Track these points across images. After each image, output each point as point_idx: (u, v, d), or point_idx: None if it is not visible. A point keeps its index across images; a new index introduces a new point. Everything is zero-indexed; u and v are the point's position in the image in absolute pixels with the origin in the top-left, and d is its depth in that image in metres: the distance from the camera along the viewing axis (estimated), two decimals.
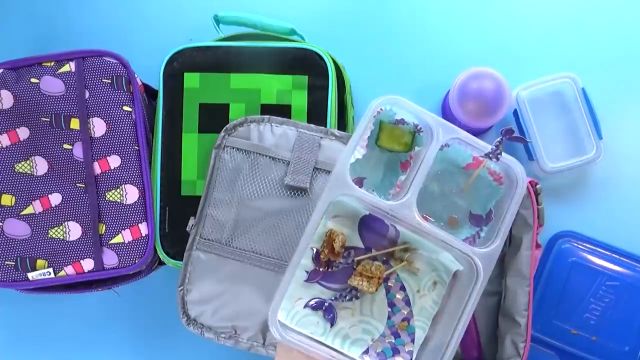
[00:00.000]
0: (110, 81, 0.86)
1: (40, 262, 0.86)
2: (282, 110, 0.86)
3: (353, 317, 0.75)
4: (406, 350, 0.75)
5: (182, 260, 0.85)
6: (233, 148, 0.84)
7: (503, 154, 0.73)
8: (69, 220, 0.86)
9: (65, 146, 0.86)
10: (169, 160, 0.87)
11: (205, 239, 0.83)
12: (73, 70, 0.86)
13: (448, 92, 0.94)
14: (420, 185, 0.72)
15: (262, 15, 0.91)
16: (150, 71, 0.90)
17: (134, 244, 0.86)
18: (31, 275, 0.85)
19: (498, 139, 0.73)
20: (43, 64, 0.86)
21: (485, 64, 0.91)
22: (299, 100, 0.86)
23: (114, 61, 0.87)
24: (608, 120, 0.95)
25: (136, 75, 0.88)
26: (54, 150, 0.86)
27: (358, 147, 0.74)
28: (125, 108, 0.86)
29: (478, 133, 0.98)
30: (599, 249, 0.93)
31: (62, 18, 1.03)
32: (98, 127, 0.86)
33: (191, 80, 0.87)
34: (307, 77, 0.86)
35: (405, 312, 0.75)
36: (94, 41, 1.01)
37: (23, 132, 0.86)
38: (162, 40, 0.98)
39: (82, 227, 0.86)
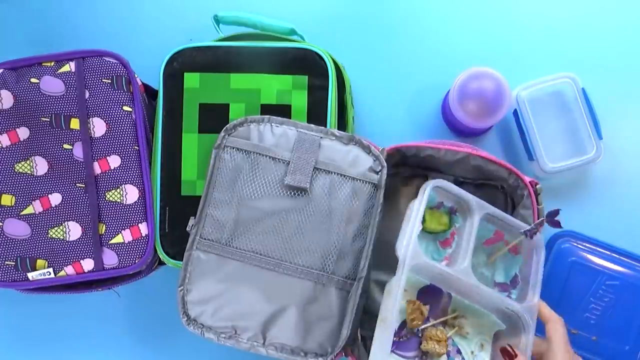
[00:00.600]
0: (110, 81, 0.86)
1: (40, 262, 0.86)
2: (282, 110, 0.86)
3: None
4: None
5: (182, 260, 0.85)
6: (233, 148, 0.84)
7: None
8: (69, 220, 0.86)
9: (65, 146, 0.86)
10: (169, 160, 0.87)
11: (205, 239, 0.83)
12: (73, 70, 0.86)
13: (448, 92, 0.94)
14: (469, 253, 0.79)
15: (262, 15, 0.91)
16: (150, 71, 0.90)
17: (134, 244, 0.86)
18: (31, 275, 0.85)
19: (539, 220, 0.80)
20: (43, 64, 0.86)
21: (485, 64, 0.91)
22: (299, 100, 0.86)
23: (114, 61, 0.87)
24: (608, 120, 0.95)
25: (136, 75, 0.88)
26: (54, 150, 0.86)
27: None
28: (125, 108, 0.86)
29: (478, 133, 0.98)
30: (598, 249, 0.93)
31: (62, 18, 1.03)
32: (98, 127, 0.86)
33: (191, 80, 0.87)
34: (307, 77, 0.86)
35: None
36: (94, 41, 1.01)
37: (23, 132, 0.86)
38: (162, 40, 0.98)
39: (82, 227, 0.86)
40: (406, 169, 0.90)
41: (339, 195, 0.82)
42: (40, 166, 0.86)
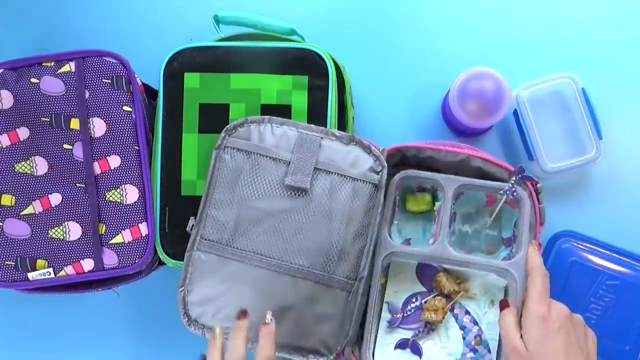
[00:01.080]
0: (110, 81, 0.86)
1: (40, 262, 0.86)
2: (282, 111, 0.86)
3: (435, 346, 0.88)
4: (486, 359, 0.87)
5: (182, 260, 0.85)
6: (233, 149, 0.83)
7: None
8: (69, 220, 0.86)
9: (65, 146, 0.86)
10: (169, 160, 0.87)
11: (206, 239, 0.83)
12: (73, 70, 0.86)
13: (448, 92, 0.94)
14: (447, 228, 0.85)
15: (262, 15, 0.90)
16: (150, 71, 0.89)
17: (134, 244, 0.86)
18: (31, 275, 0.85)
19: (512, 179, 0.84)
20: (43, 64, 0.86)
21: (485, 64, 0.91)
22: (299, 101, 0.86)
23: (114, 61, 0.87)
24: (608, 120, 0.95)
25: (136, 75, 0.88)
26: (54, 150, 0.86)
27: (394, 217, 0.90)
28: (125, 108, 0.86)
29: (478, 133, 0.98)
30: (599, 249, 0.93)
31: (62, 18, 1.03)
32: (98, 127, 0.86)
33: (191, 80, 0.87)
34: (307, 77, 0.86)
35: (476, 330, 0.88)
36: (94, 41, 1.01)
37: (23, 132, 0.86)
38: (162, 40, 0.98)
39: (82, 227, 0.86)
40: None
41: (339, 195, 0.82)
42: (40, 166, 0.86)
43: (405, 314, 0.89)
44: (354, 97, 0.95)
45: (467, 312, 0.89)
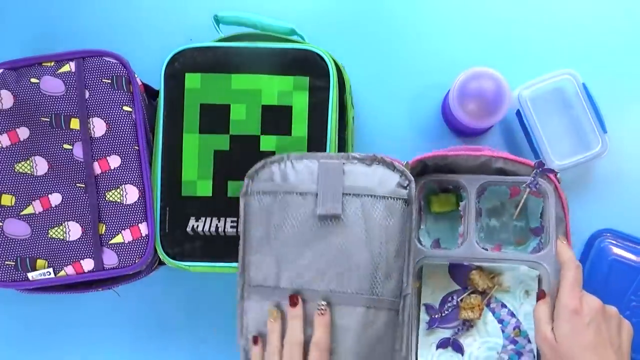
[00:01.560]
0: (110, 81, 0.86)
1: (40, 262, 0.86)
2: (283, 111, 0.85)
3: (475, 342, 0.91)
4: (527, 350, 0.90)
5: (182, 260, 0.86)
6: (259, 192, 0.82)
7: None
8: (69, 220, 0.86)
9: (65, 146, 0.86)
10: (170, 160, 0.87)
11: (252, 285, 0.82)
12: (73, 70, 0.86)
13: (448, 92, 0.94)
14: (474, 227, 0.87)
15: (262, 15, 0.90)
16: (150, 71, 0.89)
17: (134, 244, 0.86)
18: (31, 275, 0.85)
19: (534, 172, 0.85)
20: (43, 64, 0.86)
21: (485, 64, 0.91)
22: (300, 102, 0.86)
23: (114, 61, 0.87)
24: (611, 114, 0.94)
25: (136, 75, 0.88)
26: (54, 150, 0.86)
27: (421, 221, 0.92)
28: (125, 108, 0.86)
29: (478, 133, 0.98)
30: (637, 246, 0.92)
31: (62, 18, 1.03)
32: (98, 127, 0.86)
33: (192, 80, 0.86)
34: (308, 78, 0.86)
35: (514, 322, 0.90)
36: (94, 41, 1.01)
37: (23, 132, 0.86)
38: (162, 40, 0.97)
39: (82, 227, 0.86)
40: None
41: (373, 216, 0.80)
42: (40, 166, 0.86)
43: (443, 314, 0.91)
44: (354, 97, 0.95)
45: (504, 305, 0.91)
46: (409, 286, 0.81)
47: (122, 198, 0.86)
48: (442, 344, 0.91)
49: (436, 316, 0.91)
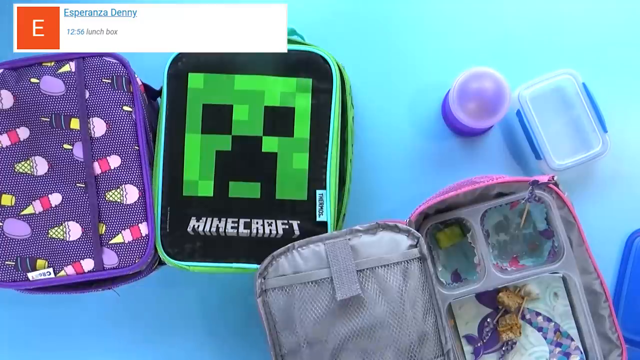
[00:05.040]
0: (110, 81, 0.86)
1: (40, 262, 0.85)
2: (285, 113, 0.86)
3: (523, 356, 0.93)
4: (573, 348, 0.91)
5: (182, 260, 0.86)
6: (274, 289, 0.81)
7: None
8: (69, 220, 0.86)
9: (65, 146, 0.86)
10: (172, 160, 0.87)
11: None
12: (73, 70, 0.86)
13: (448, 92, 0.94)
14: (487, 254, 0.88)
15: None
16: (151, 71, 0.89)
17: (134, 244, 0.86)
18: (31, 275, 0.85)
19: (529, 189, 0.85)
20: (43, 64, 0.86)
21: (485, 64, 0.91)
22: (303, 103, 0.86)
23: (114, 61, 0.87)
24: (611, 113, 0.95)
25: (136, 75, 0.88)
26: (54, 150, 0.86)
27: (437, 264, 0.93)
28: (125, 108, 0.86)
29: (478, 133, 0.98)
30: None
31: None
32: (98, 127, 0.86)
33: (195, 80, 0.86)
34: (311, 80, 0.86)
35: (552, 326, 0.92)
36: None
37: (23, 132, 0.86)
38: None
39: (82, 227, 0.86)
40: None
41: (391, 285, 0.80)
42: (40, 166, 0.86)
43: (484, 340, 0.92)
44: (354, 97, 0.95)
45: (538, 313, 0.92)
46: (448, 342, 0.81)
47: (122, 198, 0.86)
48: None
49: (479, 344, 0.92)
